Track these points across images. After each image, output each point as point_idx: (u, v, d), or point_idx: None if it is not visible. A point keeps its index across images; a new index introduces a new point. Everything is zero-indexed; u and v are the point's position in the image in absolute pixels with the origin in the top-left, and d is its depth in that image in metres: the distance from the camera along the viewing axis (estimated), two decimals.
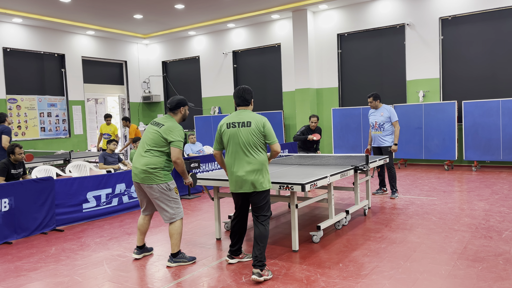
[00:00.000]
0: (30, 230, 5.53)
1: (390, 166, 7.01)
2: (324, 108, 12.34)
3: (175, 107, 4.26)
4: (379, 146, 7.12)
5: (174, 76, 15.74)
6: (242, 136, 3.85)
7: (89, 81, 14.30)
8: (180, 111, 4.29)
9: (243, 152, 3.86)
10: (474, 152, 9.72)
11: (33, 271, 4.25)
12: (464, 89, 10.40)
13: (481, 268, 3.82)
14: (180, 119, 4.31)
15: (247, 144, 3.85)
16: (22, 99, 12.30)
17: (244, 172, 3.84)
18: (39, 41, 12.66)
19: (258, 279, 3.67)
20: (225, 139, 3.95)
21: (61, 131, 13.28)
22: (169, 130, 4.11)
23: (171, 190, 4.19)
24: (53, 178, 5.83)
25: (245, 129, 3.86)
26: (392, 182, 7.05)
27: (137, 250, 4.52)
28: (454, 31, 10.41)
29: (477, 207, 6.09)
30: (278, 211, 6.45)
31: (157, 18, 12.70)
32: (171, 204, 4.20)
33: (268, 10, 12.15)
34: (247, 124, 3.87)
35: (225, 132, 3.94)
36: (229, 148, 3.94)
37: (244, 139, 3.85)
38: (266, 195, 3.94)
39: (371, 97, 7.15)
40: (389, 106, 7.17)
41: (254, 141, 3.85)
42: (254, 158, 3.85)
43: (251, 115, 3.91)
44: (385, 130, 7.02)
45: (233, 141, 3.89)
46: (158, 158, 4.12)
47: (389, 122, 7.01)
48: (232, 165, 3.91)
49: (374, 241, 4.72)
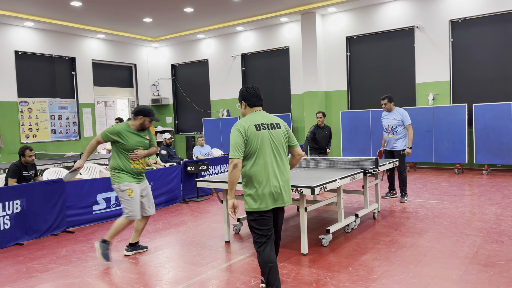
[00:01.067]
0: (41, 231, 5.59)
1: (401, 170, 6.93)
2: (333, 111, 12.31)
3: (135, 113, 4.55)
4: (391, 149, 7.04)
5: (183, 79, 15.82)
6: (275, 140, 3.27)
7: (99, 84, 14.43)
8: (139, 119, 4.53)
9: (279, 158, 3.28)
10: (485, 156, 9.62)
11: (44, 272, 4.29)
12: (475, 91, 10.31)
13: (493, 273, 3.78)
14: (137, 125, 4.54)
15: (281, 150, 3.29)
16: (34, 101, 12.45)
17: (282, 182, 3.27)
18: (50, 44, 12.82)
19: None
20: (254, 143, 3.21)
21: (71, 134, 13.41)
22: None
23: (123, 192, 4.43)
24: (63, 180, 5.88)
25: (276, 131, 3.29)
26: (402, 186, 6.99)
27: (127, 247, 4.78)
28: (465, 33, 10.33)
29: (488, 211, 6.02)
30: (287, 214, 6.44)
31: (166, 22, 12.79)
32: (124, 204, 4.47)
33: (276, 13, 12.17)
34: (277, 126, 3.31)
35: (255, 135, 3.21)
36: (259, 154, 3.21)
37: (277, 143, 3.28)
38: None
39: (386, 99, 7.01)
40: (402, 109, 7.01)
41: (284, 146, 3.35)
42: (287, 166, 3.36)
43: (274, 117, 3.41)
44: (398, 133, 6.92)
45: (266, 146, 3.22)
46: (112, 159, 4.53)
47: (402, 125, 6.91)
48: (265, 175, 3.21)
49: (384, 245, 4.69)
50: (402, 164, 6.91)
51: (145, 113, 4.51)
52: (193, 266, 4.31)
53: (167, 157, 9.37)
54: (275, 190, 3.22)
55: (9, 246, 5.23)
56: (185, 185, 7.81)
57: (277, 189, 3.23)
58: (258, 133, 3.22)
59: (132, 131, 4.50)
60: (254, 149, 3.22)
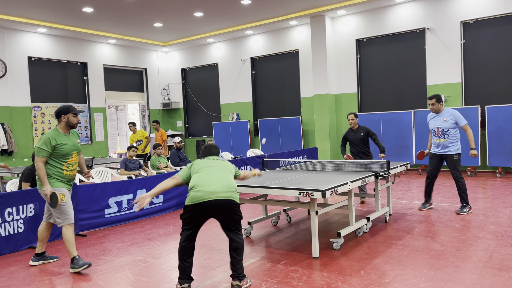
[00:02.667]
0: (54, 235, 5.65)
1: (458, 176, 6.14)
2: (343, 114, 12.26)
3: (56, 116, 4.51)
4: (442, 154, 6.25)
5: (193, 83, 15.91)
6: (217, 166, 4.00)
7: (110, 89, 14.58)
8: (62, 119, 4.50)
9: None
10: (498, 158, 9.49)
11: (57, 275, 4.33)
12: (487, 93, 10.19)
13: (507, 277, 3.72)
14: (64, 126, 4.52)
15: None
16: (46, 106, 12.62)
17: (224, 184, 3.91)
18: (63, 50, 13.00)
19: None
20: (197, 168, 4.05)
21: (83, 138, 13.56)
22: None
23: (46, 197, 4.35)
24: (76, 184, 5.95)
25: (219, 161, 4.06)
26: (462, 194, 6.14)
27: (33, 257, 4.68)
28: (476, 35, 10.23)
29: (502, 214, 5.93)
30: (297, 217, 6.42)
31: (176, 26, 12.89)
32: (54, 210, 4.40)
33: (286, 17, 12.18)
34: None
35: (197, 163, 4.04)
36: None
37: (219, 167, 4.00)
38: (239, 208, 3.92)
39: (434, 99, 6.25)
40: (453, 110, 6.24)
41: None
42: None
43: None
44: (450, 136, 6.16)
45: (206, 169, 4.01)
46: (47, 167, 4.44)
47: (454, 128, 6.16)
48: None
49: (396, 249, 4.65)
50: (458, 170, 6.14)
51: (65, 111, 4.49)
52: (204, 269, 4.31)
53: (178, 160, 9.42)
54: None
55: (22, 249, 5.30)
56: None
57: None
58: (201, 161, 4.06)
59: (62, 135, 4.47)
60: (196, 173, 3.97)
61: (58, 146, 4.39)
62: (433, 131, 6.36)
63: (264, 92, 14.08)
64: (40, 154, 4.35)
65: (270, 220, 6.33)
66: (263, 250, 4.84)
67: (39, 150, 4.35)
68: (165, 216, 6.91)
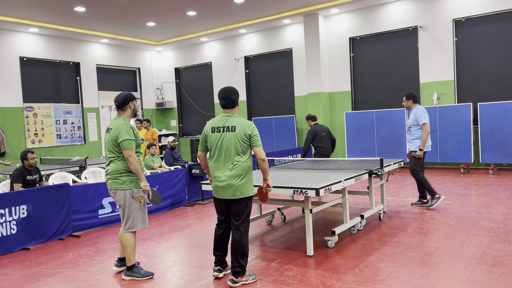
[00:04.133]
0: (47, 236, 5.61)
1: (413, 172, 6.41)
2: (337, 112, 12.29)
3: (123, 103, 4.11)
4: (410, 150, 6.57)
5: (186, 82, 15.86)
6: (226, 141, 3.76)
7: (104, 89, 14.50)
8: (129, 106, 4.15)
9: (227, 157, 3.77)
10: (491, 155, 9.56)
11: (51, 276, 4.30)
12: (480, 90, 10.25)
13: (500, 273, 3.74)
14: (130, 114, 4.17)
15: (230, 150, 3.75)
16: (39, 107, 12.53)
17: (225, 177, 3.77)
18: (55, 50, 12.90)
19: (233, 285, 3.77)
20: (209, 143, 3.88)
21: (76, 138, 13.48)
22: (116, 131, 3.98)
23: (134, 198, 4.06)
24: (69, 185, 5.91)
25: (230, 134, 3.76)
26: (421, 188, 6.44)
27: (117, 262, 4.38)
28: (468, 32, 10.29)
29: (495, 211, 5.98)
30: (292, 216, 6.43)
31: (169, 25, 12.84)
32: (132, 214, 4.05)
33: (279, 15, 12.18)
34: (232, 128, 3.77)
35: (210, 136, 3.85)
36: (213, 152, 3.84)
37: (227, 144, 3.75)
38: (247, 202, 3.84)
39: (404, 97, 6.61)
40: (419, 108, 6.43)
41: (237, 147, 3.74)
42: (237, 164, 3.76)
43: (237, 120, 3.80)
44: (412, 133, 6.47)
45: (216, 146, 3.80)
46: (120, 162, 4.02)
47: (416, 125, 6.40)
48: (215, 170, 3.84)
49: (390, 246, 4.67)
50: (414, 166, 6.39)
51: (132, 97, 4.15)
52: (199, 269, 4.31)
53: (172, 160, 9.39)
54: (218, 184, 3.81)
55: (16, 251, 5.26)
56: (190, 188, 7.82)
57: (221, 183, 3.79)
58: (212, 134, 3.85)
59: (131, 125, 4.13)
60: (210, 147, 3.89)
61: (136, 137, 4.04)
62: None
63: (258, 91, 14.07)
64: (132, 146, 3.95)
65: (264, 218, 6.33)
66: (258, 249, 4.84)
67: (130, 143, 3.93)
68: (159, 216, 6.89)
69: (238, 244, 3.78)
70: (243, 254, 3.79)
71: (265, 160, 3.77)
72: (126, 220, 4.09)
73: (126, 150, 3.94)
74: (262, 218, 6.33)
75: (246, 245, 3.81)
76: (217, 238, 3.99)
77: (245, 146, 3.77)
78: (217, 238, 3.99)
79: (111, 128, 4.05)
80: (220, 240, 3.99)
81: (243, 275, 3.80)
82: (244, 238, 3.80)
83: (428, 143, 6.44)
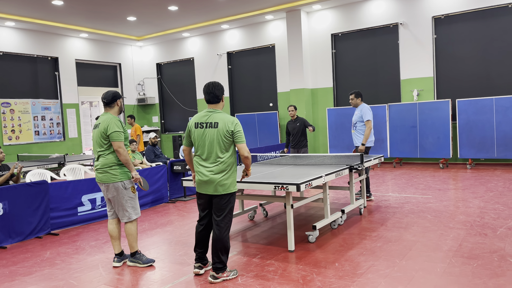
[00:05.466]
0: (24, 234, 5.49)
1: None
2: (319, 108, 12.36)
3: (112, 100, 4.26)
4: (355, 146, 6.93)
5: (168, 78, 15.71)
6: (209, 137, 3.76)
7: (83, 84, 14.24)
8: (117, 104, 4.30)
9: (209, 153, 3.77)
10: (468, 150, 9.77)
11: (28, 275, 4.22)
12: (458, 87, 10.45)
13: (476, 265, 3.83)
14: (117, 111, 4.32)
15: (213, 146, 3.75)
16: (16, 102, 12.23)
17: (208, 172, 3.77)
18: (32, 44, 12.60)
19: (213, 281, 3.77)
20: (193, 138, 3.89)
21: (55, 135, 13.22)
22: (105, 125, 4.12)
23: (127, 189, 4.20)
24: (47, 182, 5.80)
25: (212, 130, 3.76)
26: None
27: (117, 258, 4.37)
28: (447, 30, 10.46)
29: (472, 205, 6.11)
30: (274, 211, 6.45)
31: (150, 20, 12.67)
32: (127, 204, 4.22)
33: (262, 11, 12.15)
34: (214, 125, 3.77)
35: (193, 131, 3.87)
36: (197, 147, 3.87)
37: (210, 140, 3.75)
38: (230, 198, 3.82)
39: (352, 94, 6.88)
40: (365, 106, 6.79)
41: (220, 143, 3.74)
42: (220, 160, 3.75)
43: (220, 116, 3.79)
44: (357, 129, 6.80)
45: (200, 142, 3.81)
46: (110, 156, 4.16)
47: (361, 121, 6.74)
48: (198, 165, 3.86)
49: (370, 240, 4.73)
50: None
51: (119, 95, 4.31)
52: (180, 265, 4.28)
53: (153, 156, 9.30)
54: (201, 178, 3.81)
55: None
56: (171, 184, 7.76)
57: (203, 177, 3.79)
58: (195, 130, 3.86)
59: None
60: (194, 143, 3.91)
61: (124, 130, 4.21)
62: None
63: (241, 87, 14.03)
64: (121, 138, 4.11)
65: (246, 214, 6.33)
66: (239, 245, 4.84)
67: (119, 134, 4.09)
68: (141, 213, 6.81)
69: (219, 240, 3.77)
70: (224, 250, 3.78)
71: (249, 157, 3.78)
72: (122, 212, 4.24)
73: (115, 141, 4.10)
74: (244, 214, 6.33)
75: (227, 241, 3.80)
76: (198, 236, 3.99)
77: (228, 143, 3.75)
78: (198, 235, 3.99)
79: (100, 123, 4.19)
80: (201, 237, 3.98)
81: (223, 271, 3.79)
82: (225, 234, 3.79)
83: (371, 139, 6.82)
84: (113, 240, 4.36)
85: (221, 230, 3.78)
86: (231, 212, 3.87)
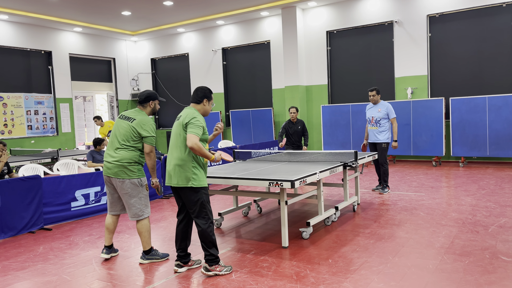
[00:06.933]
0: (17, 229, 5.47)
1: (383, 162, 7.04)
2: (313, 105, 12.38)
3: (145, 100, 4.25)
4: (374, 142, 7.14)
5: (163, 73, 15.64)
6: (174, 130, 3.85)
7: (77, 79, 14.15)
8: (150, 105, 4.29)
9: (173, 145, 3.86)
10: (461, 148, 9.84)
11: (21, 270, 4.20)
12: (452, 86, 10.52)
13: (468, 262, 3.88)
14: (149, 112, 4.32)
15: (176, 139, 3.82)
16: (8, 96, 12.12)
17: (170, 166, 3.84)
18: (26, 38, 12.48)
19: (205, 273, 3.83)
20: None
21: (48, 129, 13.13)
22: (141, 124, 4.13)
23: (142, 186, 4.21)
24: (40, 177, 5.76)
25: (177, 122, 3.87)
26: (384, 177, 7.09)
27: (106, 250, 4.41)
28: (442, 28, 10.51)
29: (464, 202, 6.17)
30: (268, 208, 6.47)
31: (145, 15, 12.60)
32: (141, 201, 4.21)
33: (257, 7, 12.13)
34: (179, 118, 3.88)
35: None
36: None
37: (174, 133, 3.84)
38: (197, 194, 3.78)
39: (374, 91, 7.07)
40: (387, 103, 7.13)
41: (179, 137, 3.79)
42: (180, 153, 3.78)
43: (187, 110, 3.86)
44: (381, 126, 7.02)
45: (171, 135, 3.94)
46: (133, 152, 4.15)
47: (386, 118, 7.01)
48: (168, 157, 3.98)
49: (363, 237, 4.76)
50: (384, 157, 7.01)
51: (154, 97, 4.30)
52: (174, 261, 4.28)
53: None
54: (167, 168, 3.88)
55: None
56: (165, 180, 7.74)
57: (168, 167, 3.87)
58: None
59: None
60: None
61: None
62: (368, 119, 7.21)
63: (235, 83, 14.01)
64: (154, 143, 4.16)
65: (241, 211, 6.35)
66: (233, 241, 4.86)
67: (153, 139, 4.14)
68: None
69: (201, 234, 3.81)
70: (209, 243, 3.80)
71: (193, 147, 3.61)
72: (134, 209, 4.19)
73: (149, 145, 4.14)
74: (238, 210, 6.34)
75: (210, 235, 3.79)
76: (176, 231, 4.01)
77: (185, 136, 3.77)
78: (176, 231, 4.01)
79: (135, 119, 4.15)
80: (178, 232, 3.98)
81: (216, 263, 3.81)
82: (205, 228, 3.78)
83: (390, 135, 7.10)
84: (108, 233, 4.38)
85: (201, 225, 3.80)
86: (205, 207, 3.80)
